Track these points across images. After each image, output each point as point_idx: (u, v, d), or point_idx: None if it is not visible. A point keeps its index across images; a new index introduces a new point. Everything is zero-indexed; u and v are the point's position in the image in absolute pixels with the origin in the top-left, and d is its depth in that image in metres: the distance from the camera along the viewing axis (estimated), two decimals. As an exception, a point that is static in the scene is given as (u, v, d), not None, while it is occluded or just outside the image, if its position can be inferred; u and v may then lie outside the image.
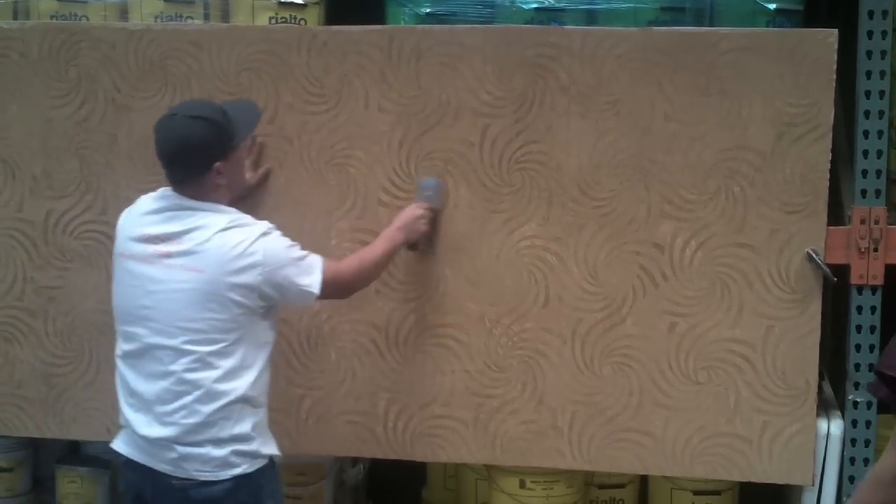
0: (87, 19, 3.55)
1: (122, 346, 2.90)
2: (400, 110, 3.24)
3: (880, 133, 3.16)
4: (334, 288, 2.93)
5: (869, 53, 3.14)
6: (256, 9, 3.48)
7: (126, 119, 3.41)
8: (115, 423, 3.46)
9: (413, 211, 3.15)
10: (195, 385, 2.76)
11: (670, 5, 3.33)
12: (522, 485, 3.48)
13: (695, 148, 3.15)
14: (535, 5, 3.34)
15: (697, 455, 3.23)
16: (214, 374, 2.76)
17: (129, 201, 3.39)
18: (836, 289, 3.31)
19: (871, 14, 3.14)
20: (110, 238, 3.42)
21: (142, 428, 2.82)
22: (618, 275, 3.22)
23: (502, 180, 3.25)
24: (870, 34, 3.14)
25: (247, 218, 2.86)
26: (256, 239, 2.79)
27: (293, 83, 3.31)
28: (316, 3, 3.51)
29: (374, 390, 3.36)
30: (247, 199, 3.29)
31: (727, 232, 3.15)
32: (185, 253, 2.76)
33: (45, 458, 4.14)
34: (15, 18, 3.60)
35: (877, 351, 3.19)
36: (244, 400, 2.81)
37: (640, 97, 3.17)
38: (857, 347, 3.19)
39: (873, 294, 3.18)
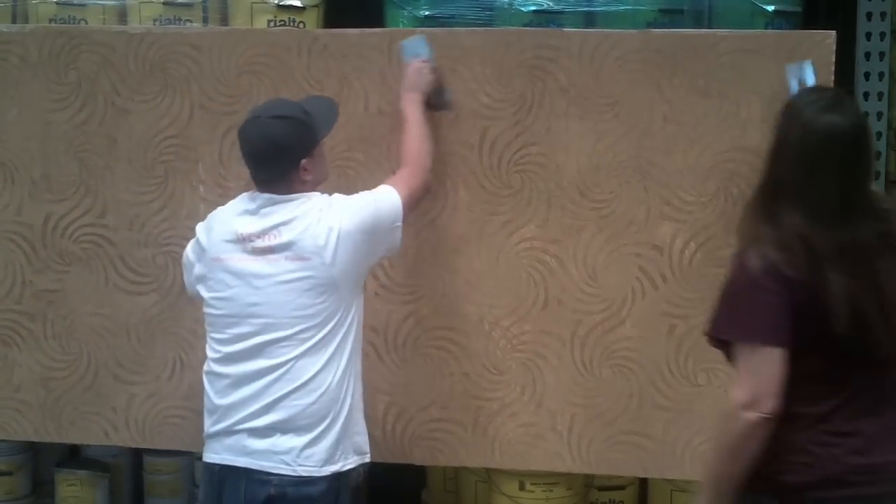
0: (86, 22, 3.56)
1: (221, 348, 2.86)
2: (400, 113, 3.24)
3: (879, 135, 3.17)
4: (413, 197, 2.96)
5: (867, 55, 3.16)
6: (255, 11, 3.49)
7: (125, 122, 3.41)
8: (113, 427, 3.50)
9: (411, 67, 3.14)
10: (305, 370, 2.77)
11: (669, 7, 3.34)
12: (522, 487, 3.47)
13: (694, 149, 3.15)
14: (533, 7, 3.35)
15: (698, 457, 3.22)
16: (325, 357, 2.78)
17: (129, 204, 3.42)
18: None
19: (869, 16, 3.15)
20: (109, 241, 3.44)
21: (246, 422, 2.79)
22: (617, 276, 3.22)
23: (501, 182, 3.25)
24: (868, 36, 3.16)
25: (326, 199, 2.86)
26: (340, 214, 2.80)
27: (293, 86, 3.31)
28: (314, 6, 3.52)
29: (373, 393, 3.34)
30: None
31: (726, 233, 3.15)
32: (287, 245, 2.77)
33: (45, 462, 4.13)
34: (13, 22, 3.61)
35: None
36: (348, 388, 2.82)
37: (639, 99, 3.17)
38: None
39: (873, 295, 3.18)
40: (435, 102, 3.19)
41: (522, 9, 3.35)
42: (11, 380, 3.53)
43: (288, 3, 3.51)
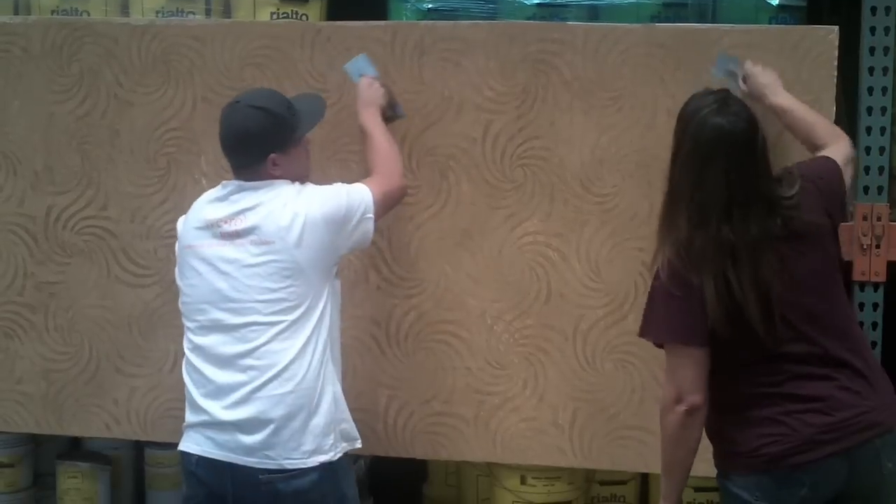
0: (89, 14, 3.55)
1: (194, 338, 2.86)
2: (402, 106, 3.23)
3: (883, 129, 3.16)
4: (387, 197, 2.96)
5: (872, 50, 3.14)
6: (258, 4, 3.49)
7: (128, 114, 3.41)
8: (115, 420, 3.50)
9: (363, 84, 3.16)
10: (281, 355, 2.76)
11: (673, 1, 3.33)
12: (524, 481, 3.47)
13: (697, 144, 3.14)
14: (537, 1, 3.34)
15: (700, 453, 3.21)
16: (298, 342, 2.77)
17: (131, 196, 3.42)
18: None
19: (873, 10, 3.14)
20: (111, 233, 3.44)
21: (224, 413, 2.77)
22: (620, 271, 3.22)
23: (504, 176, 3.25)
24: (872, 30, 3.14)
25: (297, 186, 2.87)
26: (309, 201, 2.81)
27: (296, 78, 3.31)
28: (317, -1, 3.52)
29: (375, 387, 3.35)
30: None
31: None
32: (252, 228, 2.78)
33: (46, 454, 4.13)
34: (16, 13, 3.60)
35: (880, 347, 3.19)
36: (326, 375, 2.81)
37: (643, 93, 3.17)
38: (862, 345, 3.19)
39: (875, 291, 3.18)
40: (389, 115, 3.20)
41: (526, 2, 3.34)
42: (13, 372, 3.54)
43: (291, -5, 3.51)
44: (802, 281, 2.50)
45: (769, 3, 3.27)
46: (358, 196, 2.89)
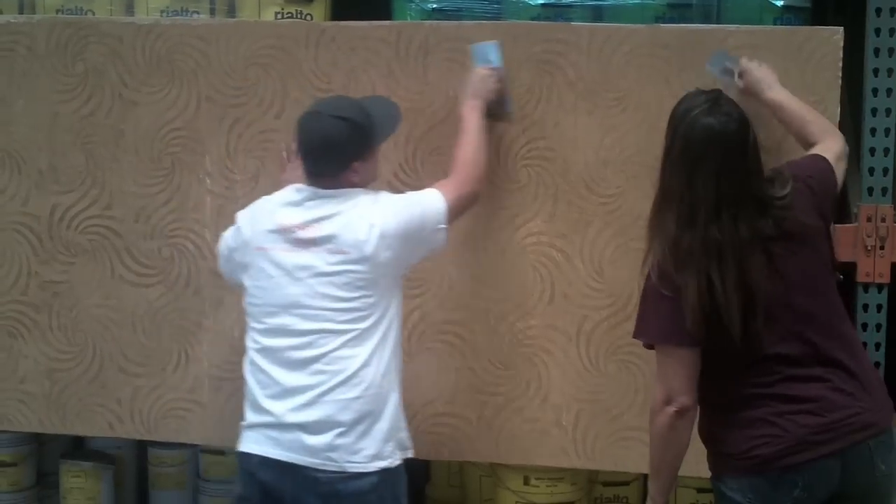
0: (94, 13, 3.56)
1: (262, 340, 2.86)
2: (407, 106, 3.22)
3: (887, 131, 3.16)
4: (459, 203, 2.96)
5: (876, 51, 3.14)
6: (263, 4, 3.49)
7: (133, 114, 3.41)
8: (118, 419, 3.50)
9: (477, 73, 3.12)
10: (349, 362, 2.77)
11: (677, 2, 3.33)
12: (527, 481, 3.47)
13: (701, 145, 3.14)
14: (542, 1, 3.34)
15: (702, 453, 3.20)
16: (366, 350, 2.78)
17: (136, 196, 3.42)
18: (843, 287, 3.30)
19: (878, 11, 3.14)
20: (116, 233, 3.44)
21: (290, 415, 2.77)
22: (624, 272, 3.21)
23: (508, 176, 3.25)
24: (877, 31, 3.14)
25: (372, 195, 2.87)
26: (384, 211, 2.82)
27: (301, 78, 3.31)
28: (322, -1, 3.52)
29: (379, 387, 3.35)
30: (253, 192, 3.31)
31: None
32: (329, 237, 2.78)
33: (50, 453, 4.13)
34: (21, 12, 3.61)
35: (884, 349, 3.19)
36: (391, 382, 2.83)
37: (647, 94, 3.16)
38: (864, 345, 3.17)
39: (879, 292, 3.18)
40: (495, 112, 3.16)
41: (530, 2, 3.34)
42: (17, 371, 3.54)
43: (295, -5, 3.51)
44: (794, 281, 2.50)
45: (774, 4, 3.27)
46: (432, 207, 2.89)
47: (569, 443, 3.30)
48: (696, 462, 3.24)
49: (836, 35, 3.09)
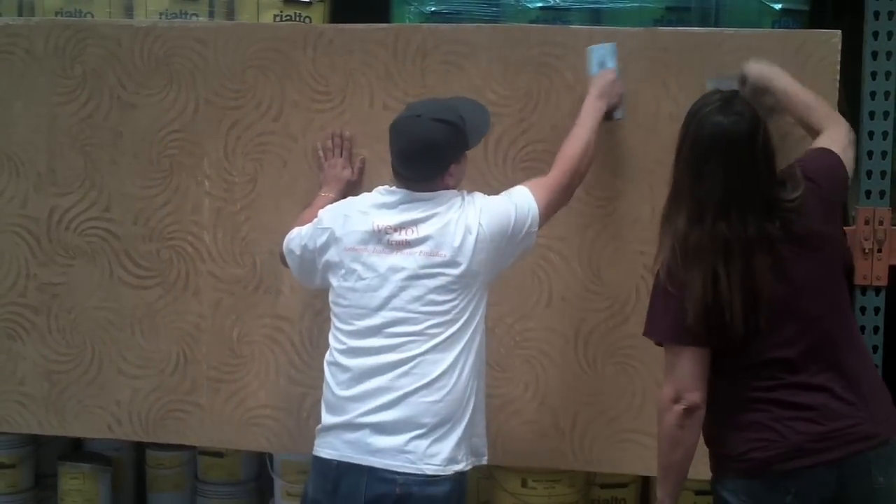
0: (92, 15, 3.56)
1: (348, 341, 2.84)
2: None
3: (885, 134, 3.16)
4: (552, 202, 2.93)
5: (874, 54, 3.15)
6: (261, 6, 3.49)
7: (131, 116, 3.41)
8: (117, 421, 3.50)
9: (606, 76, 3.09)
10: (435, 366, 2.75)
11: (675, 5, 3.33)
12: (524, 484, 3.47)
13: (699, 148, 3.14)
14: (540, 4, 3.34)
15: (700, 456, 3.19)
16: (451, 355, 2.77)
17: (134, 198, 3.43)
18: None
19: (876, 15, 3.14)
20: (114, 235, 3.45)
21: (368, 417, 2.76)
22: (621, 275, 3.22)
23: (507, 179, 3.24)
24: (875, 35, 3.14)
25: (464, 196, 2.87)
26: (479, 213, 2.81)
27: (299, 81, 3.31)
28: (320, 1, 3.52)
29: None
30: (251, 194, 3.32)
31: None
32: (423, 239, 2.78)
33: (48, 455, 4.14)
34: (20, 14, 3.61)
35: (881, 352, 3.19)
36: (472, 388, 2.82)
37: (645, 97, 3.17)
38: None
39: (877, 295, 3.18)
40: (614, 114, 3.14)
41: (529, 5, 3.34)
42: (15, 373, 3.54)
43: (294, -3, 3.51)
44: (801, 285, 2.49)
45: (772, 7, 3.27)
46: (524, 211, 2.87)
47: (566, 445, 3.30)
48: (693, 464, 3.25)
49: (833, 38, 3.09)
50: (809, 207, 2.52)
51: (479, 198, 2.88)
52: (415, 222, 2.80)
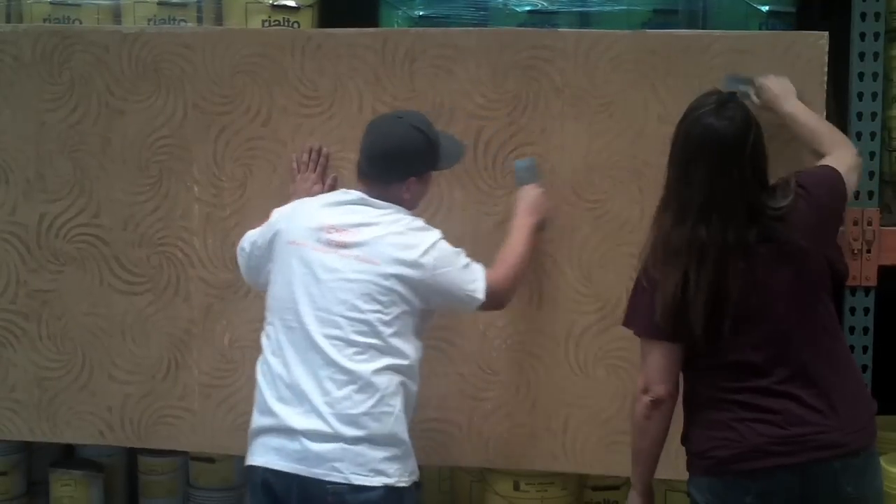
0: (81, 22, 3.55)
1: (276, 337, 2.81)
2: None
3: (873, 135, 3.18)
4: (495, 297, 2.93)
5: (861, 55, 3.16)
6: (249, 12, 3.49)
7: (119, 122, 3.40)
8: (108, 427, 3.49)
9: (532, 191, 3.13)
10: (358, 375, 2.71)
11: (663, 8, 3.34)
12: (517, 487, 3.47)
13: (688, 150, 3.15)
14: (528, 8, 3.35)
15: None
16: (374, 366, 2.73)
17: (123, 204, 3.42)
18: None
19: (863, 16, 3.16)
20: (104, 241, 3.44)
21: (297, 421, 2.71)
22: (612, 277, 3.23)
23: (496, 182, 3.25)
24: (862, 36, 3.16)
25: (420, 222, 2.87)
26: (432, 244, 2.81)
27: (287, 86, 3.31)
28: (309, 6, 3.52)
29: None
30: (240, 199, 3.32)
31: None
32: (361, 244, 2.76)
33: (39, 462, 4.12)
34: (7, 21, 3.61)
35: (871, 352, 3.20)
36: (398, 401, 2.77)
37: (634, 99, 3.17)
38: (851, 349, 3.18)
39: (866, 295, 3.19)
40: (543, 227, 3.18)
41: (517, 9, 3.35)
42: (6, 380, 3.53)
43: (282, 3, 3.50)
44: (777, 292, 2.49)
45: (759, 10, 3.28)
46: (473, 272, 2.88)
47: (558, 447, 3.30)
48: (683, 465, 3.25)
49: (821, 40, 3.10)
50: (797, 218, 2.51)
51: (438, 235, 2.85)
52: (358, 226, 2.79)
